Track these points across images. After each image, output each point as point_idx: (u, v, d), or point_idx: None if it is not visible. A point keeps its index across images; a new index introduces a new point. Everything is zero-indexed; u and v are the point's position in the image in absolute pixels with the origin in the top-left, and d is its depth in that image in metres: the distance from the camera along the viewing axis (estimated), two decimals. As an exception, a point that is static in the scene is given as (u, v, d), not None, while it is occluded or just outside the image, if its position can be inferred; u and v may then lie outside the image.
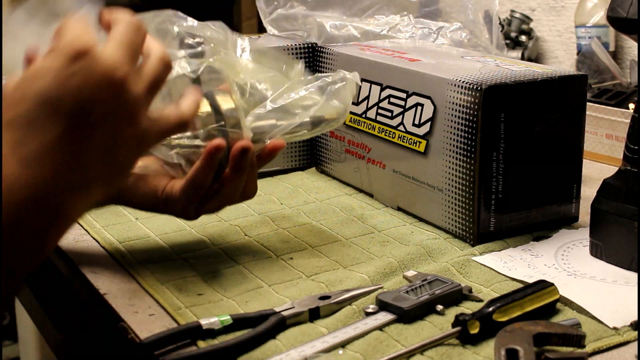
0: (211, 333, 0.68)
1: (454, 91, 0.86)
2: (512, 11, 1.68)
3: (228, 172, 0.78)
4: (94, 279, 0.81)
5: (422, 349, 0.65)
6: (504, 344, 0.62)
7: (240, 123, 0.77)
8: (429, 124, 0.90)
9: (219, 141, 0.75)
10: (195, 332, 0.68)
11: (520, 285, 0.75)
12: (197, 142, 0.76)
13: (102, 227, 0.94)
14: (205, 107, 0.76)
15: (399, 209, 0.98)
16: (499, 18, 1.25)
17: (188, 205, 0.79)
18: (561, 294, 0.72)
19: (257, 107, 0.79)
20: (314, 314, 0.71)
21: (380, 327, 0.69)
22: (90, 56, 0.55)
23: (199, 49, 0.78)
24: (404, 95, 0.94)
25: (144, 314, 0.74)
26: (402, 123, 0.94)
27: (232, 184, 0.78)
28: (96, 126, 0.56)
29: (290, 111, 0.80)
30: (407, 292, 0.73)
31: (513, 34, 1.65)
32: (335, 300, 0.73)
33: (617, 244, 0.80)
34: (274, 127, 0.80)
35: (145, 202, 0.82)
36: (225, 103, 0.77)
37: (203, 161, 0.75)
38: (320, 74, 0.83)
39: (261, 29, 1.73)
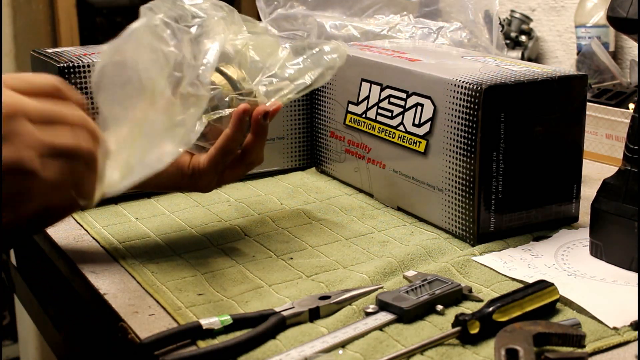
0: (211, 333, 0.68)
1: (454, 91, 0.86)
2: (512, 11, 1.68)
3: (251, 138, 0.82)
4: (94, 279, 0.81)
5: (422, 349, 0.65)
6: (504, 344, 0.62)
7: (254, 90, 0.81)
8: (429, 124, 0.90)
9: (245, 104, 0.80)
10: (195, 332, 0.68)
11: (520, 285, 0.75)
12: (226, 111, 0.80)
13: (102, 227, 0.94)
14: (220, 80, 0.80)
15: (399, 209, 0.98)
16: (499, 18, 1.25)
17: (214, 176, 0.83)
18: (561, 294, 0.72)
19: (259, 75, 0.83)
20: (314, 314, 0.71)
21: (380, 327, 0.69)
22: None
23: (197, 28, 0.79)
24: (404, 95, 0.94)
25: (144, 314, 0.74)
26: (402, 123, 0.94)
27: (254, 148, 0.83)
28: None
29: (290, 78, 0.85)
30: (407, 292, 0.73)
31: (513, 34, 1.65)
32: (335, 300, 0.73)
33: (617, 244, 0.80)
34: (278, 94, 0.83)
35: (169, 182, 0.85)
36: (236, 74, 0.81)
37: (233, 126, 0.80)
38: (307, 42, 0.86)
39: (261, 29, 1.73)
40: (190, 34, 0.76)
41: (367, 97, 1.00)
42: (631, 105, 1.18)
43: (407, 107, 0.94)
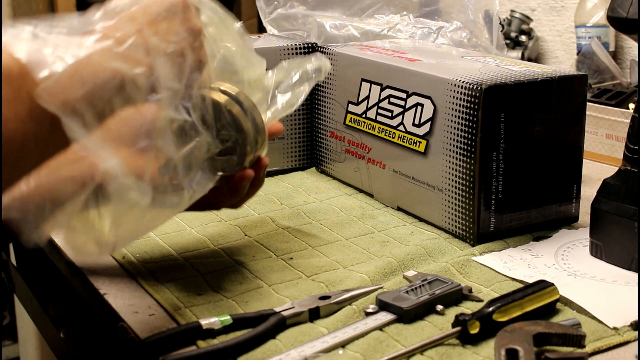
0: (211, 333, 0.68)
1: (454, 91, 0.86)
2: (512, 11, 1.68)
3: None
4: (94, 279, 0.81)
5: (422, 349, 0.65)
6: (504, 344, 0.62)
7: (266, 139, 0.78)
8: (429, 124, 0.90)
9: (250, 172, 0.76)
10: (195, 332, 0.68)
11: (520, 285, 0.75)
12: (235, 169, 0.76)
13: (102, 227, 0.94)
14: (249, 129, 0.75)
15: (399, 209, 0.98)
16: (499, 18, 1.25)
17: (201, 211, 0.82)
18: (561, 294, 0.72)
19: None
20: (314, 314, 0.71)
21: (380, 327, 0.69)
22: None
23: None
24: (404, 95, 0.94)
25: (144, 314, 0.74)
26: (402, 123, 0.94)
27: (248, 195, 0.80)
28: None
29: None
30: (407, 292, 0.73)
31: (513, 34, 1.65)
32: (335, 300, 0.73)
33: (617, 244, 0.80)
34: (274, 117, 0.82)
35: None
36: (234, 90, 0.75)
37: (234, 191, 0.76)
38: (287, 64, 0.83)
39: (261, 29, 1.73)
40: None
41: (367, 97, 1.00)
42: (631, 105, 1.18)
43: (407, 107, 0.94)
